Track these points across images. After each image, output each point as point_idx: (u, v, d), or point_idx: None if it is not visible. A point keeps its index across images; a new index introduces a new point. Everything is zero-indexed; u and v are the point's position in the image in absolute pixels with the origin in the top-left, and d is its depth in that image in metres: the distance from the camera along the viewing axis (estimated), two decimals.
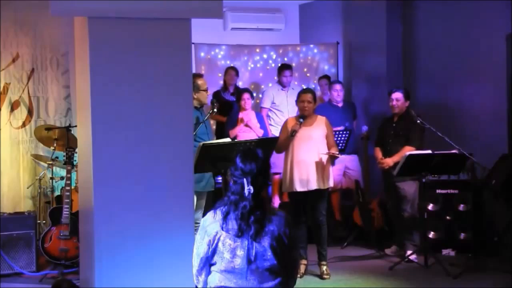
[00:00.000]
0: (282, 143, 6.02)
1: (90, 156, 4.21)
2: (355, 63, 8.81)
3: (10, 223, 6.14)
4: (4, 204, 6.85)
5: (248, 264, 2.96)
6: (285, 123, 6.17)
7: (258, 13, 9.59)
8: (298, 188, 5.92)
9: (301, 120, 5.95)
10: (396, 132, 6.62)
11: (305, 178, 5.89)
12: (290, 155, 5.99)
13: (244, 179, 2.99)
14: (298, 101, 6.07)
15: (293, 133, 5.92)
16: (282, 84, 8.12)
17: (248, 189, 2.97)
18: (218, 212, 3.04)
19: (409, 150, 6.33)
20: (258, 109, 8.37)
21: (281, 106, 8.03)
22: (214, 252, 3.01)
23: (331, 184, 6.05)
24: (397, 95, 6.63)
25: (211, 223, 3.03)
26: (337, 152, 6.04)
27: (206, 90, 5.80)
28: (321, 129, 5.99)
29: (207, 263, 3.06)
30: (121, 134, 4.25)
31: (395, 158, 6.45)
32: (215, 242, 3.00)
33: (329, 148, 5.98)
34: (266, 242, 2.97)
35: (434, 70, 7.82)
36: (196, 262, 3.09)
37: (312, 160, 5.90)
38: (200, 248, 3.05)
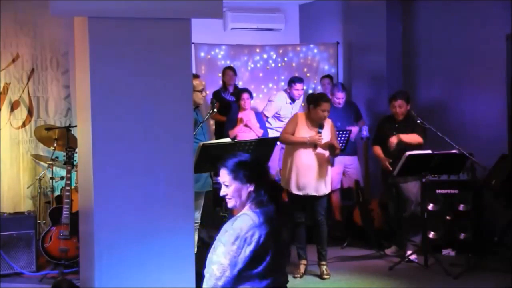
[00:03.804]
0: (293, 141, 5.94)
1: (90, 156, 4.21)
2: (355, 63, 8.81)
3: (10, 223, 6.14)
4: (4, 204, 6.85)
5: (243, 265, 2.97)
6: (296, 117, 6.10)
7: (258, 13, 9.59)
8: (294, 191, 5.93)
9: (320, 130, 5.89)
10: (399, 134, 6.61)
11: (303, 183, 5.89)
12: (291, 154, 5.99)
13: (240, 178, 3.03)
14: (319, 109, 5.87)
15: (315, 146, 5.88)
16: (292, 97, 7.92)
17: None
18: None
19: (417, 138, 6.43)
20: (259, 109, 8.37)
21: (285, 117, 7.94)
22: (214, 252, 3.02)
23: (328, 190, 6.05)
24: (399, 103, 6.58)
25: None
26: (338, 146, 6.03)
27: (201, 91, 5.79)
28: (327, 133, 6.00)
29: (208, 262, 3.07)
30: (121, 134, 4.25)
31: (403, 137, 6.47)
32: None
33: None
34: (260, 241, 2.98)
35: (434, 70, 7.82)
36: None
37: (313, 165, 5.90)
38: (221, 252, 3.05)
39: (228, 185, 3.14)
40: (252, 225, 2.96)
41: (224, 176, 3.14)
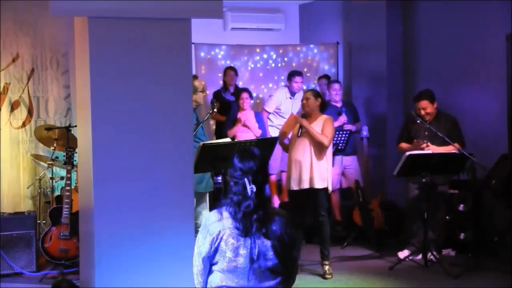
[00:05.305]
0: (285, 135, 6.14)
1: (90, 156, 4.22)
2: (355, 63, 8.81)
3: (10, 223, 6.14)
4: (4, 204, 6.85)
5: (250, 264, 2.96)
6: (291, 117, 6.23)
7: (258, 13, 9.59)
8: (293, 186, 5.96)
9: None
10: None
11: (299, 177, 5.91)
12: (289, 153, 6.05)
13: (245, 179, 2.99)
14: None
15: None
16: (292, 91, 7.97)
17: (250, 188, 2.97)
18: (224, 211, 3.03)
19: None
20: (259, 109, 8.36)
21: (285, 113, 7.96)
22: (216, 251, 3.00)
23: (328, 185, 5.99)
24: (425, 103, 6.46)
25: (213, 222, 3.02)
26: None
27: (202, 91, 5.81)
28: (320, 128, 5.97)
29: (209, 262, 3.05)
30: (121, 134, 4.25)
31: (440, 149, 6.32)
32: (218, 241, 2.99)
33: None
34: (268, 241, 2.97)
35: (434, 70, 7.82)
36: (197, 262, 3.09)
37: (307, 159, 5.91)
38: (202, 247, 3.04)
39: None
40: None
41: None
